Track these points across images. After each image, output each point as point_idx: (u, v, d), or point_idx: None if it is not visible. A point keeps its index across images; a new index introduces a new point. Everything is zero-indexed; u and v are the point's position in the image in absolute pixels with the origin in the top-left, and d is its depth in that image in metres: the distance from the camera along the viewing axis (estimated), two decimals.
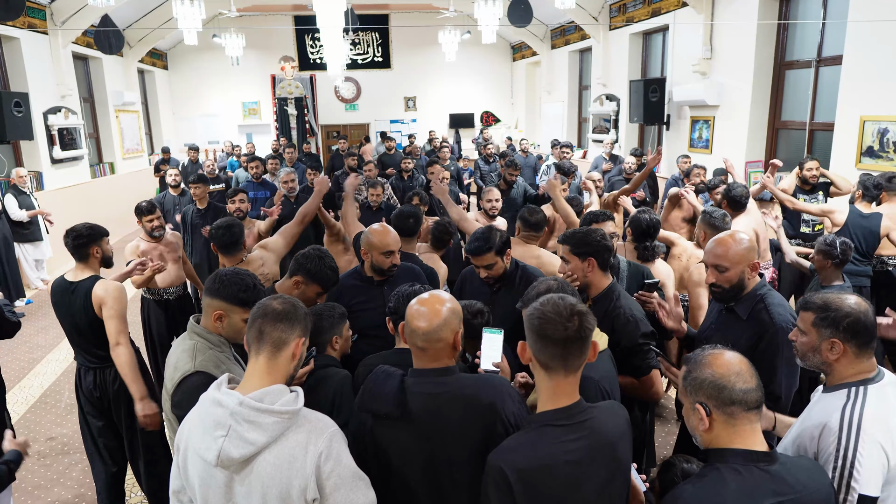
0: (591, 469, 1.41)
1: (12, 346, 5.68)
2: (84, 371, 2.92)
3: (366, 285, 2.69)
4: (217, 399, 1.43)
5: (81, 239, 2.83)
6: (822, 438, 1.56)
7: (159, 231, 4.08)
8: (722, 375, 1.38)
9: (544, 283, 2.01)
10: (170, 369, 1.95)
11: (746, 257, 2.16)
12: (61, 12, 8.50)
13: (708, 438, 1.41)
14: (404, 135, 14.30)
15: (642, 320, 2.26)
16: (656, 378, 2.26)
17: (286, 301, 1.55)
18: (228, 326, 1.96)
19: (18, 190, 6.96)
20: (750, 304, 2.17)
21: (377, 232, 2.66)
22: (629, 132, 9.98)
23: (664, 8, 8.64)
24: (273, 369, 1.48)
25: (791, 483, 1.35)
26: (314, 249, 2.50)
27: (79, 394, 2.95)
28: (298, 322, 1.52)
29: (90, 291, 2.78)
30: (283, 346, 1.49)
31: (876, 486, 1.50)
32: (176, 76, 14.40)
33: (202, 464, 1.43)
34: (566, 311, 1.43)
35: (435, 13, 12.51)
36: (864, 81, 5.38)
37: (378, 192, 5.28)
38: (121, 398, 2.89)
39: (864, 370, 1.61)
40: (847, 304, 1.61)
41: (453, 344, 1.61)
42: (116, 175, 10.87)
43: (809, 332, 1.66)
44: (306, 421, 1.43)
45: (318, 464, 1.38)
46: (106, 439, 2.97)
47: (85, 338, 2.85)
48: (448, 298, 1.65)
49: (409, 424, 1.56)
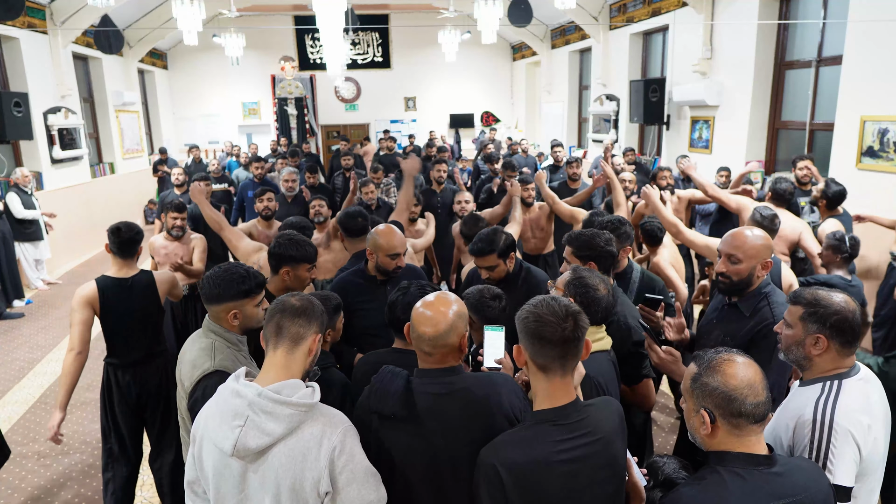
0: (587, 468, 1.41)
1: (12, 346, 5.68)
2: (122, 370, 2.87)
3: (369, 284, 2.70)
4: (236, 390, 1.45)
5: (135, 239, 2.88)
6: (796, 431, 1.58)
7: (178, 231, 4.10)
8: (734, 388, 1.35)
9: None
10: (186, 366, 1.95)
11: (761, 254, 2.14)
12: (61, 12, 8.50)
13: (709, 442, 1.40)
14: (404, 135, 14.30)
15: (636, 328, 2.25)
16: (649, 387, 2.27)
17: (304, 298, 1.60)
18: (244, 319, 2.01)
19: (21, 189, 6.97)
20: (754, 302, 2.16)
21: (384, 234, 2.65)
22: (629, 132, 9.98)
23: (664, 8, 8.64)
24: (290, 363, 1.51)
25: (791, 485, 1.35)
26: (282, 237, 2.54)
27: (109, 395, 2.90)
28: (316, 318, 1.57)
29: (153, 282, 2.90)
30: (300, 340, 1.53)
31: (850, 477, 1.52)
32: (176, 76, 14.39)
33: (218, 453, 1.45)
34: (561, 312, 1.43)
35: (435, 13, 12.50)
36: (864, 81, 5.38)
37: (371, 190, 5.28)
38: (161, 394, 2.90)
39: (842, 366, 1.63)
40: (836, 302, 1.62)
41: (459, 347, 1.62)
42: (116, 175, 10.86)
43: (796, 325, 1.67)
44: (321, 415, 1.46)
45: (331, 458, 1.40)
46: (133, 439, 2.96)
47: (145, 332, 2.87)
48: (454, 300, 1.65)
49: (414, 424, 1.56)
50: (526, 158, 9.52)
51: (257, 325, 2.05)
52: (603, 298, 1.92)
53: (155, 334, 2.94)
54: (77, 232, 8.84)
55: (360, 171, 7.99)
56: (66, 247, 8.53)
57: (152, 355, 2.92)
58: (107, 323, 2.84)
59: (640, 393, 2.24)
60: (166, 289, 2.97)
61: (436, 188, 5.73)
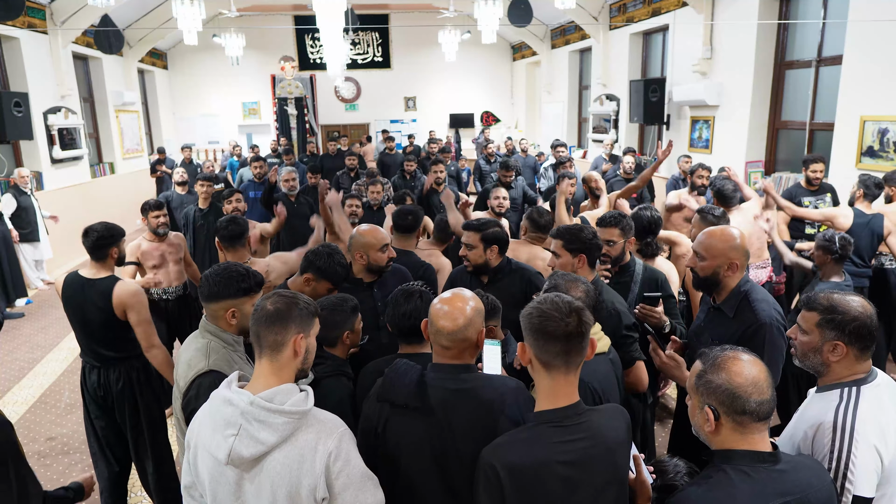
0: (587, 472, 1.40)
1: (12, 346, 5.68)
2: (89, 369, 2.90)
3: (355, 287, 2.69)
4: (228, 398, 1.44)
5: (103, 239, 2.83)
6: (816, 439, 1.55)
7: (164, 229, 4.08)
8: (739, 385, 1.34)
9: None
10: (182, 367, 1.95)
11: (725, 254, 2.15)
12: (61, 12, 8.50)
13: (713, 439, 1.40)
14: (404, 135, 14.30)
15: (624, 312, 2.33)
16: (640, 369, 2.31)
17: (278, 300, 1.53)
18: (242, 318, 1.99)
19: (19, 190, 6.96)
20: (735, 302, 2.16)
21: (368, 231, 2.70)
22: (629, 132, 9.98)
23: (664, 8, 8.64)
24: (277, 370, 1.49)
25: (796, 483, 1.35)
26: (324, 247, 2.54)
27: (83, 392, 2.93)
28: (292, 320, 1.50)
29: (110, 292, 2.77)
30: (280, 347, 1.49)
31: (870, 487, 1.50)
32: (176, 76, 14.39)
33: (212, 461, 1.44)
34: (565, 308, 1.44)
35: (435, 13, 12.50)
36: (864, 81, 5.38)
37: (378, 190, 5.28)
38: (125, 398, 2.88)
39: (859, 371, 1.61)
40: (854, 308, 1.59)
41: (476, 343, 1.65)
42: (116, 175, 10.87)
43: (812, 332, 1.64)
44: (316, 420, 1.44)
45: (327, 463, 1.40)
46: (109, 439, 2.95)
47: (93, 336, 2.84)
48: (470, 296, 1.68)
49: (426, 416, 1.58)
50: (526, 158, 9.52)
51: None
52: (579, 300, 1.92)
53: (116, 340, 2.82)
54: (77, 232, 8.66)
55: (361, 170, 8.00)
56: (66, 247, 8.52)
57: (114, 360, 2.85)
58: (69, 319, 2.90)
59: (631, 376, 2.28)
60: (121, 303, 2.76)
61: (436, 188, 5.75)
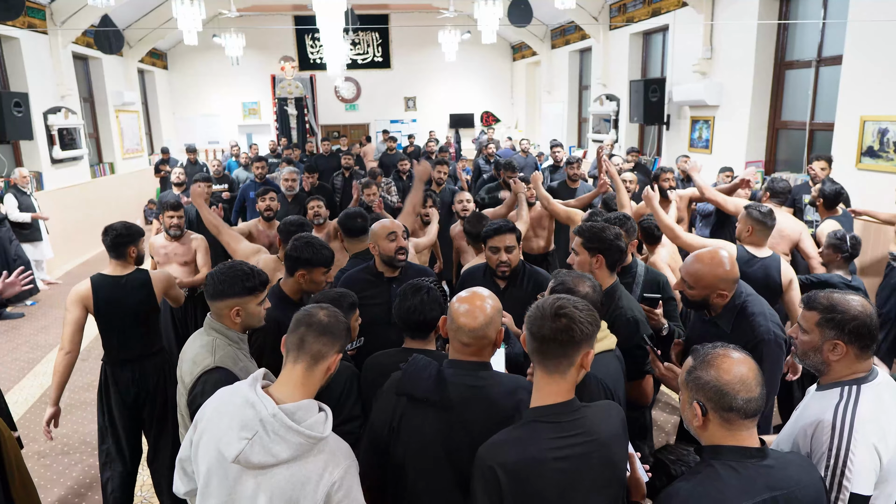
0: (583, 469, 1.41)
1: (12, 346, 5.68)
2: (119, 367, 2.87)
3: (375, 280, 2.75)
4: (251, 401, 1.43)
5: (121, 237, 2.85)
6: (814, 437, 1.56)
7: (175, 230, 4.07)
8: (727, 382, 1.36)
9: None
10: (187, 364, 1.96)
11: (713, 285, 2.14)
12: (61, 12, 8.50)
13: (702, 434, 1.42)
14: (404, 135, 14.30)
15: (643, 321, 2.27)
16: (649, 383, 2.28)
17: (332, 313, 1.57)
18: (246, 317, 2.02)
19: (19, 190, 6.96)
20: (731, 316, 2.16)
21: (378, 223, 2.79)
22: (629, 132, 9.98)
23: (664, 8, 8.64)
24: (308, 381, 1.50)
25: (783, 478, 1.36)
26: (298, 239, 2.53)
27: (107, 393, 2.90)
28: (340, 338, 1.55)
29: (148, 280, 2.88)
30: (321, 359, 1.51)
31: (868, 486, 1.50)
32: (176, 76, 14.40)
33: (217, 453, 1.44)
34: (550, 311, 1.45)
35: (435, 13, 12.50)
36: (864, 81, 5.38)
37: (373, 192, 5.27)
38: (157, 392, 2.91)
39: (860, 370, 1.61)
40: (854, 307, 1.59)
41: (495, 341, 1.67)
42: (116, 175, 10.87)
43: (812, 331, 1.64)
44: (328, 447, 1.45)
45: (329, 492, 1.41)
46: (129, 438, 2.95)
47: (132, 332, 2.86)
48: (489, 295, 1.70)
49: (443, 412, 1.60)
50: (526, 158, 9.51)
51: (258, 323, 2.07)
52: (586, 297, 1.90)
53: (151, 333, 2.93)
54: (77, 232, 8.83)
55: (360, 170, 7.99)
56: (66, 247, 8.53)
57: (149, 354, 2.91)
58: (101, 321, 2.85)
59: (638, 388, 2.25)
60: (162, 287, 2.94)
61: (435, 188, 5.74)
